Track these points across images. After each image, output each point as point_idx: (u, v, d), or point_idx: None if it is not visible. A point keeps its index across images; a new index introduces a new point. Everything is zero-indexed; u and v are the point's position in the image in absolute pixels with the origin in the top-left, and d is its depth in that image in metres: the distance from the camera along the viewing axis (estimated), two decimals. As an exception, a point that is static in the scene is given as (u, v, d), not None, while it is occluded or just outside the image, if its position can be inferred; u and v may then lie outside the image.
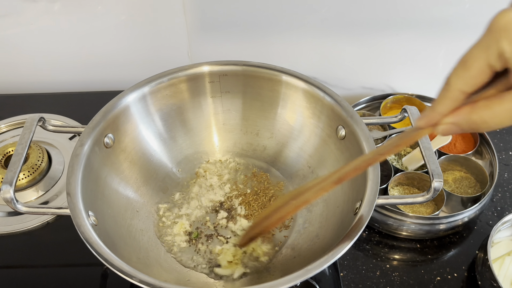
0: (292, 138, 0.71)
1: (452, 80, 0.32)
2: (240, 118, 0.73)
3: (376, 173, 0.54)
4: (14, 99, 0.93)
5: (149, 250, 0.61)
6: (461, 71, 0.31)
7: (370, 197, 0.52)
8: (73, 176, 0.54)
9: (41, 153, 0.77)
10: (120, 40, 0.88)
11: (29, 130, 0.57)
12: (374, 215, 0.70)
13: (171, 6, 0.82)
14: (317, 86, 0.65)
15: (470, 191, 0.74)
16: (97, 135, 0.60)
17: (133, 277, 0.45)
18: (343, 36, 0.86)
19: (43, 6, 0.82)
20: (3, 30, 0.86)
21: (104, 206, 0.59)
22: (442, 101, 0.33)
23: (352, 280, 0.66)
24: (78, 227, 0.50)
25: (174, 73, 0.67)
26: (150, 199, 0.67)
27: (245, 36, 0.86)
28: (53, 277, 0.65)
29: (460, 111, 0.32)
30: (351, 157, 0.61)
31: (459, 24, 0.82)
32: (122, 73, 0.94)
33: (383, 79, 0.94)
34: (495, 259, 0.65)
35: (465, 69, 0.31)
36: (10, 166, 0.53)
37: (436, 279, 0.66)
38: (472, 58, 0.31)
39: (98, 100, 0.68)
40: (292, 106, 0.69)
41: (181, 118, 0.71)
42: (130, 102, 0.64)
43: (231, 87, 0.70)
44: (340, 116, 0.63)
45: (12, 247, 0.68)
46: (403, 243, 0.71)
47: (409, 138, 0.37)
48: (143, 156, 0.68)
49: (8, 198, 0.51)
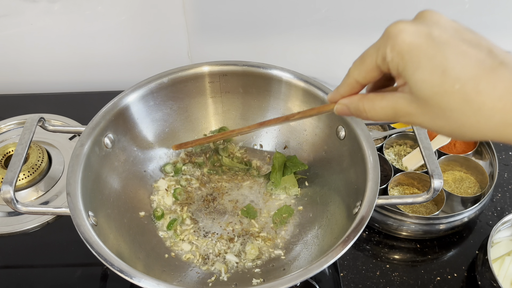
0: (292, 138, 0.71)
1: (351, 70, 0.37)
2: (240, 118, 0.73)
3: (376, 173, 0.54)
4: (14, 99, 0.93)
5: (149, 250, 0.61)
6: (358, 63, 0.36)
7: (370, 197, 0.52)
8: (73, 176, 0.54)
9: (41, 153, 0.77)
10: (120, 40, 0.88)
11: (29, 130, 0.57)
12: (374, 215, 0.70)
13: (171, 6, 0.82)
14: (317, 86, 0.65)
15: (470, 191, 0.74)
16: (97, 135, 0.60)
17: (133, 277, 0.45)
18: (343, 36, 0.86)
19: (43, 6, 0.82)
20: (3, 30, 0.87)
21: (104, 206, 0.59)
22: (343, 85, 0.38)
23: (352, 280, 0.66)
24: (78, 227, 0.50)
25: (174, 73, 0.67)
26: (150, 199, 0.67)
27: (245, 36, 0.86)
28: (53, 277, 0.65)
29: (352, 97, 0.38)
30: (351, 157, 0.61)
31: (459, 24, 0.82)
32: (122, 73, 0.94)
33: (383, 79, 0.94)
34: (495, 259, 0.65)
35: (361, 63, 0.36)
36: (10, 166, 0.53)
37: (436, 279, 0.66)
38: (367, 55, 0.35)
39: (98, 100, 0.68)
40: (292, 106, 0.69)
41: (181, 118, 0.71)
42: (130, 102, 0.65)
43: (231, 87, 0.70)
44: (339, 116, 0.62)
45: (12, 247, 0.68)
46: (403, 243, 0.71)
47: (323, 107, 0.43)
48: (143, 156, 0.68)
49: (8, 198, 0.51)
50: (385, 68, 0.34)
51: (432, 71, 0.31)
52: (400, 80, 0.34)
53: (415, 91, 0.32)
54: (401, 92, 0.34)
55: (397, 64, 0.32)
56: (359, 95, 0.38)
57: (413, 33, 0.32)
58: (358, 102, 0.37)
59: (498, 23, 0.82)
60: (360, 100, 0.37)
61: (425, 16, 0.34)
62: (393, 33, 0.32)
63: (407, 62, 0.31)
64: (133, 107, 0.65)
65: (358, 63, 0.36)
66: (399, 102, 0.34)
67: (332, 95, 0.40)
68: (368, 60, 0.35)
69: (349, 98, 0.38)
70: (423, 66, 0.31)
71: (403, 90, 0.34)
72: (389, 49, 0.32)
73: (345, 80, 0.38)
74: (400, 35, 0.32)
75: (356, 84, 0.37)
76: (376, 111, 0.36)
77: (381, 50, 0.33)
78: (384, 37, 0.33)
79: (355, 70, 0.36)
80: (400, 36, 0.32)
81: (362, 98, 0.37)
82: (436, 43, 0.31)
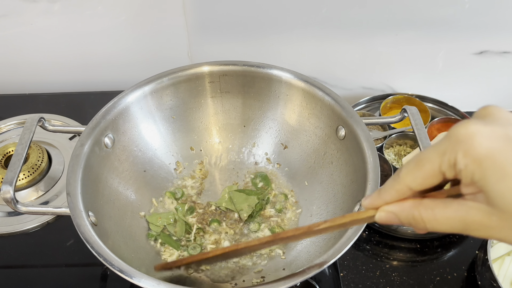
0: (292, 138, 0.71)
1: (403, 175, 0.32)
2: (240, 119, 0.73)
3: (376, 173, 0.54)
4: (14, 99, 0.93)
5: (150, 250, 0.61)
6: (413, 168, 0.31)
7: (370, 197, 0.52)
8: (73, 176, 0.54)
9: (41, 153, 0.77)
10: (120, 40, 0.88)
11: (29, 131, 0.57)
12: (374, 215, 0.70)
13: (171, 6, 0.82)
14: (317, 86, 0.65)
15: (470, 191, 0.74)
16: (97, 135, 0.60)
17: (133, 277, 0.45)
18: (343, 36, 0.86)
19: (43, 6, 0.82)
20: (3, 30, 0.86)
21: (104, 206, 0.59)
22: (389, 191, 0.33)
23: (352, 280, 0.66)
24: (78, 227, 0.50)
25: (174, 73, 0.67)
26: (150, 199, 0.67)
27: (245, 36, 0.86)
28: (53, 277, 0.65)
29: (403, 203, 0.32)
30: (350, 157, 0.61)
31: (459, 24, 0.82)
32: (122, 73, 0.94)
33: (383, 79, 0.94)
34: (495, 259, 0.65)
35: (418, 168, 0.31)
36: (10, 166, 0.53)
37: (436, 279, 0.66)
38: (427, 159, 0.30)
39: (98, 100, 0.68)
40: (292, 106, 0.69)
41: (181, 118, 0.71)
42: (130, 102, 0.65)
43: (231, 87, 0.70)
44: (340, 116, 0.63)
45: (12, 247, 0.68)
46: (403, 243, 0.71)
47: (354, 217, 0.36)
48: (143, 156, 0.68)
49: (8, 198, 0.51)
50: (451, 175, 0.29)
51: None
52: (470, 188, 0.29)
53: (498, 203, 0.28)
54: (473, 202, 0.29)
55: (472, 173, 0.28)
56: (412, 201, 0.32)
57: (490, 136, 0.28)
58: (413, 210, 0.31)
59: (498, 23, 0.82)
60: (415, 207, 0.31)
61: (491, 113, 0.30)
62: (464, 137, 0.28)
63: (487, 170, 0.27)
64: (133, 107, 0.65)
65: (414, 168, 0.31)
66: (472, 214, 0.29)
67: (371, 200, 0.34)
68: (429, 165, 0.30)
69: (398, 205, 0.32)
70: (509, 175, 0.27)
71: (476, 199, 0.29)
72: (461, 155, 0.28)
73: (392, 185, 0.32)
74: (475, 139, 0.27)
75: (408, 191, 0.32)
76: (438, 222, 0.30)
77: (448, 155, 0.29)
78: (450, 139, 0.29)
79: (408, 175, 0.31)
80: (475, 140, 0.27)
81: (417, 206, 0.31)
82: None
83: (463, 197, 0.30)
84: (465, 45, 0.85)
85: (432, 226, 0.31)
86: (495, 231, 0.29)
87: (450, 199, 0.31)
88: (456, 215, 0.30)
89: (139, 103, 0.66)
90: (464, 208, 0.29)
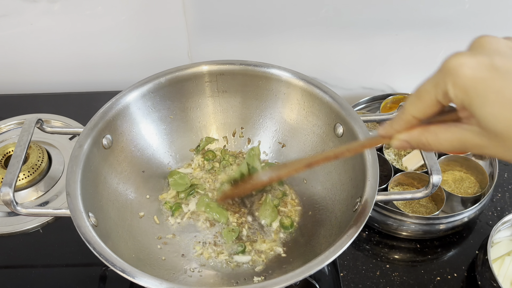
0: (290, 137, 0.71)
1: (407, 106, 0.36)
2: (238, 118, 0.73)
3: (375, 169, 0.54)
4: (14, 99, 0.93)
5: (150, 250, 0.61)
6: (414, 100, 0.35)
7: (369, 194, 0.52)
8: (73, 177, 0.54)
9: (41, 153, 0.77)
10: (120, 40, 0.88)
11: (27, 132, 0.57)
12: (374, 215, 0.70)
13: (171, 6, 0.82)
14: (314, 85, 0.65)
15: (470, 191, 0.74)
16: (96, 136, 0.60)
17: (135, 277, 0.45)
18: (343, 36, 0.86)
19: (43, 6, 0.82)
20: (3, 30, 0.87)
21: (104, 206, 0.59)
22: (398, 121, 0.37)
23: (352, 280, 0.66)
24: (79, 228, 0.50)
25: (172, 73, 0.67)
26: (149, 199, 0.67)
27: (245, 36, 0.86)
28: (53, 277, 0.65)
29: (412, 131, 0.36)
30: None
31: (459, 24, 0.82)
32: (122, 73, 0.94)
33: (383, 79, 0.94)
34: (495, 259, 0.65)
35: (418, 99, 0.35)
36: (9, 168, 0.53)
37: (436, 279, 0.66)
38: (424, 91, 0.34)
39: (98, 100, 0.68)
40: (290, 105, 0.69)
41: (179, 118, 0.71)
42: (128, 102, 0.65)
43: (229, 86, 0.70)
44: (338, 113, 0.63)
45: (12, 247, 0.68)
46: (403, 243, 0.71)
47: (373, 141, 0.43)
48: (142, 156, 0.68)
49: (8, 200, 0.50)
50: (446, 102, 0.33)
51: (502, 105, 0.29)
52: (465, 112, 0.33)
53: (485, 125, 0.31)
54: (468, 124, 0.33)
55: (462, 100, 0.31)
56: (419, 129, 0.36)
57: (475, 66, 0.30)
58: (420, 136, 0.36)
59: (498, 23, 0.82)
60: (421, 134, 0.36)
61: (482, 44, 0.32)
62: (452, 68, 0.31)
63: (473, 97, 0.30)
64: (131, 107, 0.65)
65: (415, 99, 0.35)
66: (467, 135, 0.33)
67: (385, 130, 0.39)
68: (426, 97, 0.33)
69: (408, 133, 0.37)
70: (491, 100, 0.30)
71: (470, 122, 0.33)
72: (450, 85, 0.31)
73: (400, 116, 0.37)
74: (461, 70, 0.30)
75: (414, 120, 0.36)
76: (441, 143, 0.35)
77: (440, 86, 0.32)
78: (442, 71, 0.32)
79: (411, 106, 0.35)
80: (461, 71, 0.30)
81: (423, 132, 0.36)
82: (500, 74, 0.30)
83: (461, 120, 0.34)
84: (465, 45, 0.85)
85: (437, 147, 0.35)
86: (488, 149, 0.32)
87: (450, 123, 0.34)
88: (455, 137, 0.34)
89: (137, 103, 0.66)
90: (461, 130, 0.33)
